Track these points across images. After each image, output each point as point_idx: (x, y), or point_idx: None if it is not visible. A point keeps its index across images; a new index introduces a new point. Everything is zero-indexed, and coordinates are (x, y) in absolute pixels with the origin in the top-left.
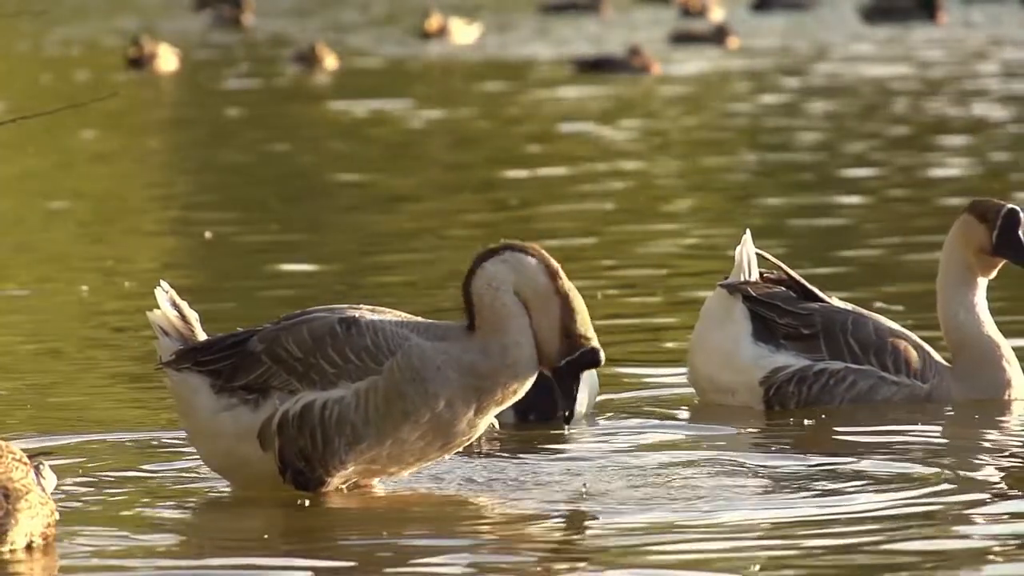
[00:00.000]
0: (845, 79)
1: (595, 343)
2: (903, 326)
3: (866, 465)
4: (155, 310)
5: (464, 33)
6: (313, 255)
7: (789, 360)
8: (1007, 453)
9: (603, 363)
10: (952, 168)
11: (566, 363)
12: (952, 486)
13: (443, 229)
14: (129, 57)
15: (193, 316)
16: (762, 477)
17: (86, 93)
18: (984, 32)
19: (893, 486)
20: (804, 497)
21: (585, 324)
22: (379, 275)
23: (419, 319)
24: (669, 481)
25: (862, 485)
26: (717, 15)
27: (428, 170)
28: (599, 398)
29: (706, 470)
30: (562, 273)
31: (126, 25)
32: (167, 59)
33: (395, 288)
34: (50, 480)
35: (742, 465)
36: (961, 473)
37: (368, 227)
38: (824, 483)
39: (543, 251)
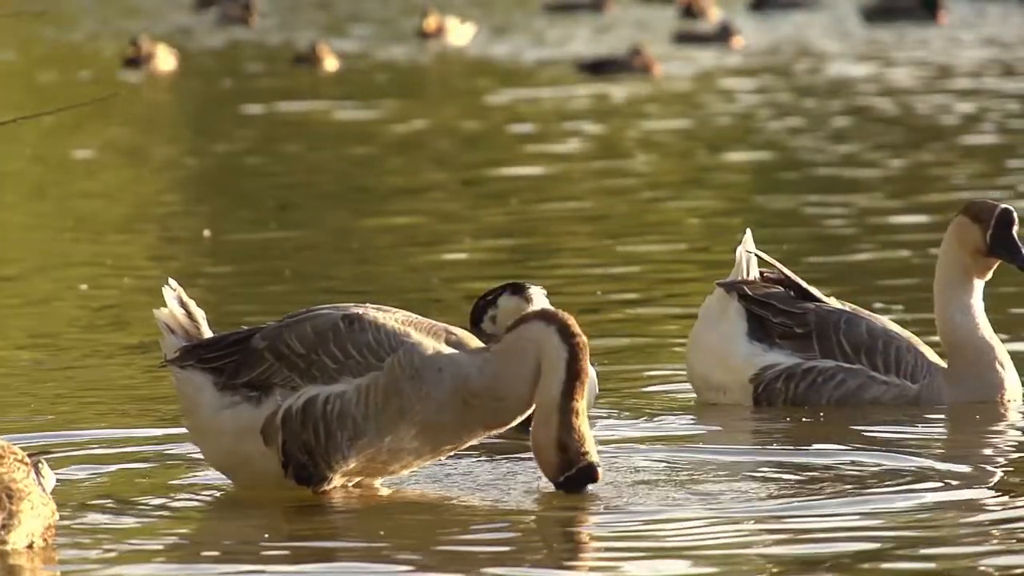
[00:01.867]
0: (837, 79)
1: (592, 457)
2: (902, 326)
3: (862, 464)
4: (162, 308)
5: (459, 33)
6: (312, 254)
7: (780, 358)
8: (1001, 453)
9: (600, 480)
10: (941, 168)
11: (565, 479)
12: (949, 485)
13: (439, 228)
14: (126, 57)
15: (200, 314)
16: (759, 476)
17: (85, 93)
18: (983, 33)
19: (889, 485)
20: (800, 496)
21: (583, 440)
22: (375, 275)
23: (440, 323)
24: (666, 480)
25: (857, 484)
26: (715, 15)
27: (423, 170)
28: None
29: (703, 469)
30: (579, 394)
31: (126, 25)
32: (165, 59)
33: (391, 287)
34: (49, 479)
35: (739, 464)
36: (957, 472)
37: (366, 227)
38: (819, 481)
39: (584, 366)
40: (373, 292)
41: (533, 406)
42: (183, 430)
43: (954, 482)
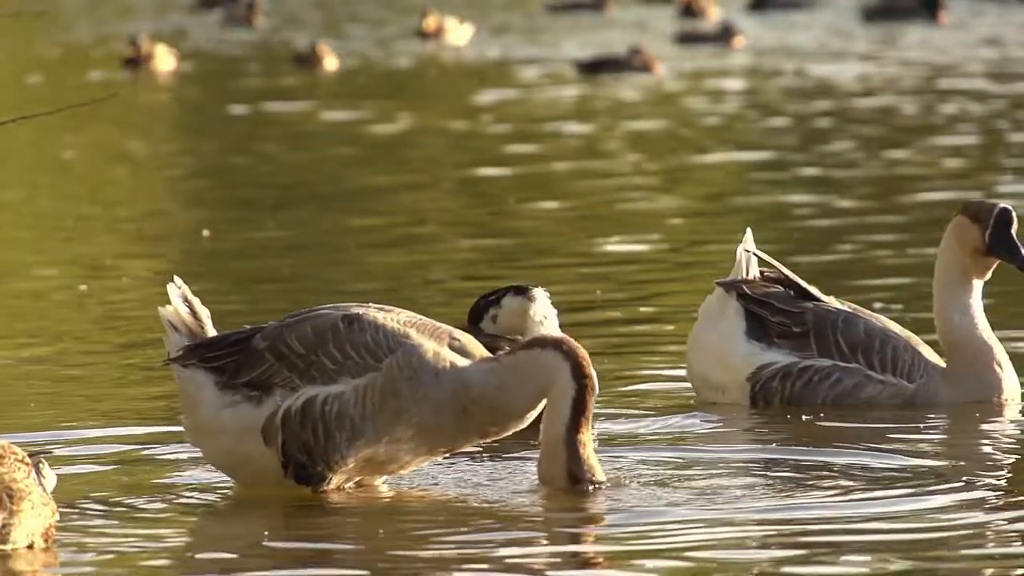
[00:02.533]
0: (833, 80)
1: (600, 480)
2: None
3: (862, 464)
4: (166, 306)
5: (458, 33)
6: (310, 254)
7: (778, 357)
8: (1000, 453)
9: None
10: (931, 168)
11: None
12: (947, 485)
13: (435, 228)
14: (125, 57)
15: (204, 313)
16: (759, 475)
17: (84, 93)
18: (984, 33)
19: (889, 485)
20: (800, 496)
21: (592, 469)
22: (371, 275)
23: (445, 326)
24: (666, 480)
25: (857, 484)
26: (715, 14)
27: (422, 171)
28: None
29: (703, 468)
30: (584, 429)
31: (126, 25)
32: (164, 59)
33: (386, 286)
34: (50, 479)
35: (739, 463)
36: (956, 472)
37: (365, 227)
38: (819, 481)
39: (590, 404)
40: (369, 292)
41: (526, 424)
42: (182, 429)
43: (952, 482)
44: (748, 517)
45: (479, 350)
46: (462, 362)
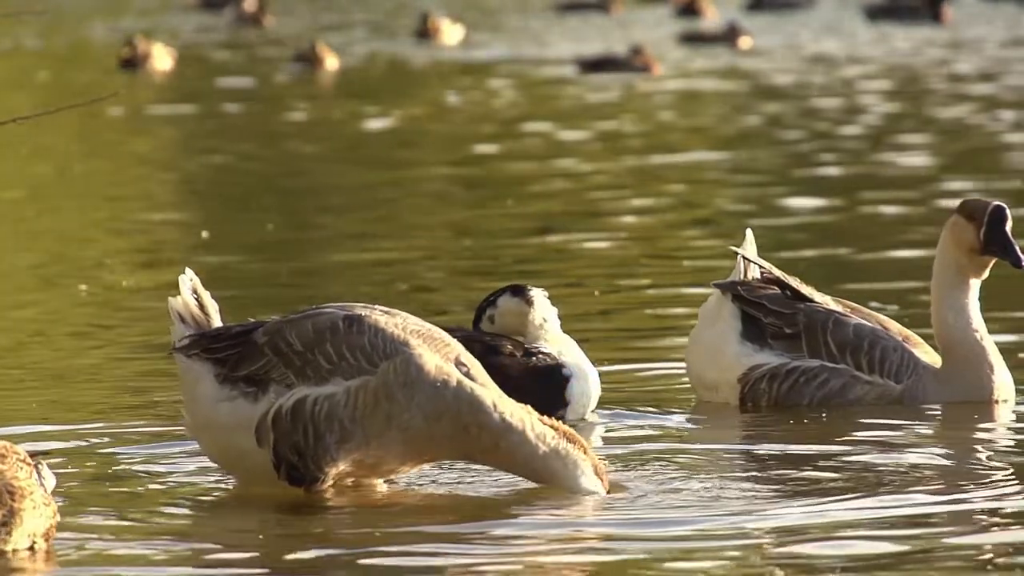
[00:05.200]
0: (829, 79)
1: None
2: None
3: (860, 464)
4: (175, 296)
5: (450, 33)
6: (310, 254)
7: (769, 358)
8: (994, 452)
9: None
10: (926, 166)
11: None
12: (941, 485)
13: (436, 229)
14: (122, 57)
15: (212, 306)
16: (758, 475)
17: (82, 93)
18: (985, 32)
19: (887, 484)
20: (799, 495)
21: (605, 480)
22: (381, 276)
23: (457, 346)
24: (666, 478)
25: (855, 484)
26: (713, 13)
27: (421, 171)
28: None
29: (703, 467)
30: (604, 484)
31: (125, 25)
32: (162, 59)
33: (396, 288)
34: (49, 480)
35: (738, 462)
36: (951, 472)
37: (364, 228)
38: (817, 480)
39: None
40: (368, 292)
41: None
42: (181, 429)
43: (946, 481)
44: (748, 516)
45: (491, 383)
46: (476, 387)
